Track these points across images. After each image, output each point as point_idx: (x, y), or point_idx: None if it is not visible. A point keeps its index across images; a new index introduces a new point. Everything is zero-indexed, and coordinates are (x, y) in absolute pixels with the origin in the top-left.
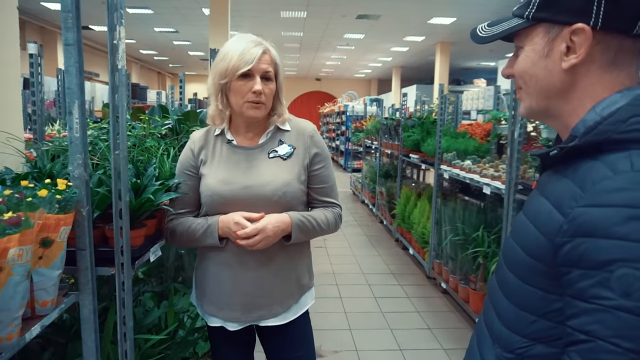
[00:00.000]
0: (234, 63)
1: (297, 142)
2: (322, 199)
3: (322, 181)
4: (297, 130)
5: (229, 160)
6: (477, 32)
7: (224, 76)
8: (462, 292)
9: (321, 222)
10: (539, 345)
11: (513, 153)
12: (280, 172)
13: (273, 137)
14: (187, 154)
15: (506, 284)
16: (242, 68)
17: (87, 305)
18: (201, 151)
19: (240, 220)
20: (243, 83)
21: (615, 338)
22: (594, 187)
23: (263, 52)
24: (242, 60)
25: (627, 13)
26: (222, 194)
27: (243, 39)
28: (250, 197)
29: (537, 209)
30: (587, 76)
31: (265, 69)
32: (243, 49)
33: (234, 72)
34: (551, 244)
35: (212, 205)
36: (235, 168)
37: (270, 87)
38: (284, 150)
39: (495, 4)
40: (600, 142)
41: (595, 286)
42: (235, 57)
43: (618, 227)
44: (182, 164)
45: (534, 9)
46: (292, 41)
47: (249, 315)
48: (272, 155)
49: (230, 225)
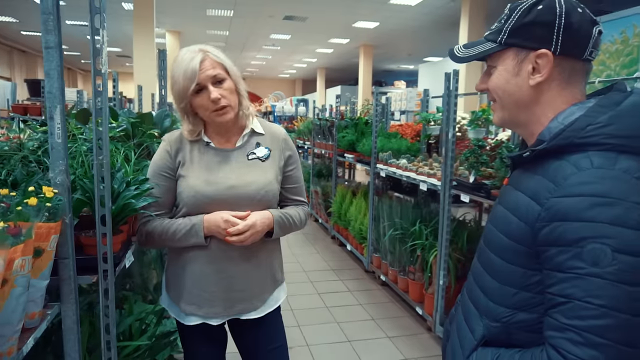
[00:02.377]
0: (182, 84)
1: (273, 145)
2: (294, 198)
3: (294, 181)
4: (270, 134)
5: (210, 161)
6: (455, 53)
7: (182, 99)
8: (401, 283)
9: (296, 219)
10: (520, 313)
11: (447, 152)
12: (261, 173)
13: (249, 139)
14: (164, 155)
15: (491, 266)
16: (190, 86)
17: (70, 316)
18: (178, 153)
19: (231, 219)
20: (200, 97)
21: (588, 297)
22: (564, 181)
23: (201, 60)
24: (187, 78)
25: (577, 42)
26: (207, 194)
27: (184, 54)
28: (234, 197)
29: (516, 201)
30: (548, 91)
31: (211, 74)
32: (184, 66)
33: (186, 92)
34: (531, 229)
35: (195, 205)
36: (217, 169)
37: (225, 88)
38: (262, 153)
39: (414, 12)
40: (565, 146)
41: (571, 259)
42: (180, 77)
43: (586, 212)
44: (158, 166)
45: (506, 36)
46: (217, 40)
47: (231, 310)
48: (252, 157)
49: (220, 224)
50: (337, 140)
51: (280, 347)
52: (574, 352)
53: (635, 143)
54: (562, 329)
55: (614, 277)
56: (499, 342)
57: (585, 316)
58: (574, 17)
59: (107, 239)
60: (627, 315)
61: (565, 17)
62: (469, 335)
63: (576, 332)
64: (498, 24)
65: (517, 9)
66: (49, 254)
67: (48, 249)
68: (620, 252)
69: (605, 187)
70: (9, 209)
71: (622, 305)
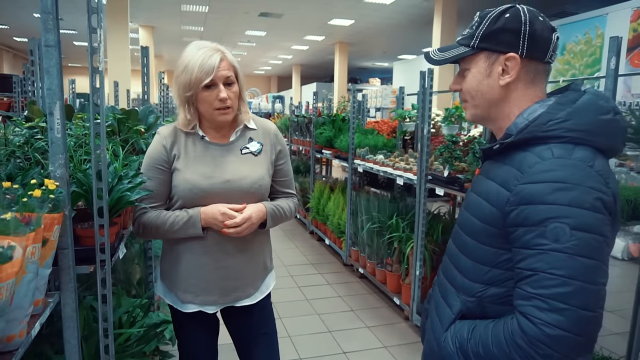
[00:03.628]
0: (195, 75)
1: (264, 140)
2: (284, 190)
3: (284, 175)
4: (262, 129)
5: (205, 155)
6: (431, 56)
7: (189, 89)
8: (379, 275)
9: (287, 211)
10: (492, 288)
11: (423, 148)
12: (254, 167)
13: (242, 134)
14: (159, 149)
15: (465, 247)
16: (205, 80)
17: (70, 304)
18: (173, 146)
19: (228, 212)
20: (208, 93)
21: (551, 269)
22: (529, 170)
23: (220, 59)
24: (203, 71)
25: (540, 47)
26: (203, 188)
27: (200, 48)
28: (229, 190)
29: (487, 188)
30: (516, 90)
31: (225, 75)
32: (202, 60)
33: (198, 84)
34: (501, 212)
35: (191, 198)
36: (212, 163)
37: (233, 91)
38: (255, 147)
39: (388, 10)
40: (529, 139)
41: (536, 237)
42: (195, 69)
43: (548, 196)
44: (153, 159)
45: (478, 41)
46: (191, 35)
47: (226, 298)
48: (245, 151)
49: (217, 216)
50: (315, 136)
51: (270, 332)
52: (540, 317)
53: (589, 136)
54: (529, 298)
55: (572, 251)
56: (474, 315)
57: (549, 285)
58: (537, 24)
59: (105, 230)
60: (585, 284)
61: (529, 25)
62: (447, 310)
63: (541, 299)
64: (470, 30)
65: (486, 16)
66: (52, 244)
67: (52, 238)
68: (577, 230)
69: (564, 174)
70: (13, 201)
71: (580, 274)
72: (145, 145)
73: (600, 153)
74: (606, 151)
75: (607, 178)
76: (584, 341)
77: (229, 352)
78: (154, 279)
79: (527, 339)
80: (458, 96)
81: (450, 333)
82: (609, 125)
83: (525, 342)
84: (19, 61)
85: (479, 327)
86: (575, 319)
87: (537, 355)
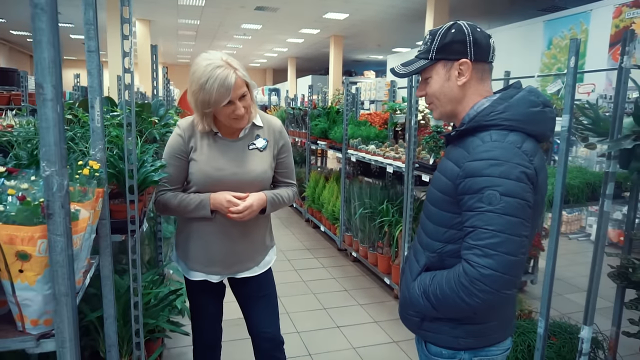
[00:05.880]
0: (214, 98)
1: (269, 136)
2: (284, 180)
3: (285, 167)
4: (268, 125)
5: (218, 150)
6: (397, 70)
7: (207, 107)
8: (371, 258)
9: (285, 198)
10: (449, 245)
11: (410, 138)
12: (259, 162)
13: (250, 131)
14: (178, 140)
15: (430, 214)
16: (224, 101)
17: (107, 266)
18: (190, 139)
19: (233, 199)
20: (226, 108)
21: (485, 225)
22: (473, 150)
23: (235, 78)
24: (221, 94)
25: (483, 51)
26: (214, 178)
27: (215, 66)
28: (237, 181)
29: (445, 166)
30: (470, 88)
31: (240, 93)
32: (219, 82)
33: (217, 104)
34: (453, 184)
35: (204, 185)
36: (224, 157)
37: (247, 101)
38: (261, 144)
39: (382, 4)
40: (476, 127)
41: (476, 202)
42: (214, 92)
43: (485, 170)
44: (173, 149)
45: (434, 53)
46: (187, 29)
47: (228, 270)
48: (252, 147)
49: (223, 203)
50: (310, 128)
51: (269, 294)
52: (477, 261)
53: (520, 124)
54: (470, 248)
55: (501, 211)
56: (435, 268)
57: (483, 237)
58: (477, 34)
59: (135, 205)
60: (510, 235)
61: (472, 35)
62: (415, 265)
63: (478, 248)
64: (425, 46)
65: (437, 33)
66: (97, 214)
67: (97, 209)
68: (505, 195)
69: (498, 153)
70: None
71: (506, 229)
72: (159, 134)
73: (531, 137)
74: (536, 136)
75: (531, 157)
76: (509, 278)
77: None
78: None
79: (468, 279)
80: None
81: (417, 282)
82: (538, 116)
83: (467, 281)
84: (15, 54)
85: (438, 275)
86: (503, 262)
87: (475, 290)
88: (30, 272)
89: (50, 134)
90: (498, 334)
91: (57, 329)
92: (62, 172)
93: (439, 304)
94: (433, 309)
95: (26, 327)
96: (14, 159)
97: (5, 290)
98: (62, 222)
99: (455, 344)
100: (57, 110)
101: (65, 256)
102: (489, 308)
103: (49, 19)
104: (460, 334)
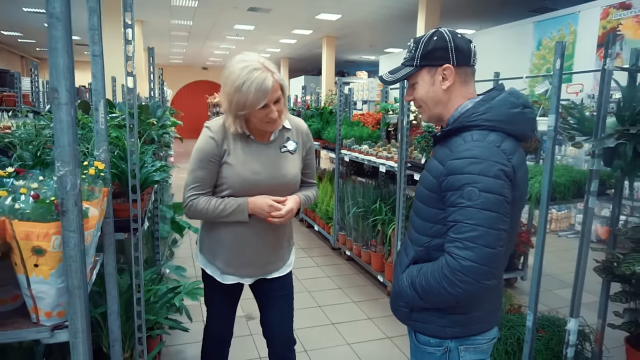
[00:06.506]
0: (251, 100)
1: (298, 138)
2: (308, 181)
3: (310, 167)
4: (296, 128)
5: (252, 153)
6: (384, 78)
7: (243, 109)
8: (364, 256)
9: (312, 199)
10: (435, 239)
11: (403, 138)
12: (292, 165)
13: (280, 134)
14: (211, 143)
15: (418, 210)
16: (260, 104)
17: (111, 263)
18: (223, 142)
19: (274, 204)
20: (260, 111)
21: (466, 220)
22: (456, 149)
23: (272, 82)
24: (258, 97)
25: (465, 55)
26: (252, 182)
27: (252, 69)
28: (272, 185)
29: (431, 165)
30: (454, 91)
31: (275, 97)
32: (257, 84)
33: (253, 107)
34: (438, 182)
35: (240, 189)
36: (258, 160)
37: (281, 104)
38: (292, 146)
39: (374, 5)
40: (459, 127)
41: (457, 198)
42: (251, 94)
43: (465, 168)
44: (206, 152)
45: (419, 60)
46: (180, 29)
47: (261, 270)
48: (284, 150)
49: (264, 207)
50: None
51: (287, 293)
52: (458, 253)
53: (500, 125)
54: (452, 241)
55: (480, 207)
56: (423, 260)
57: (464, 231)
58: (458, 40)
59: (138, 204)
60: (488, 229)
61: (453, 41)
62: (405, 258)
63: (459, 241)
64: (410, 53)
65: (420, 41)
66: (103, 212)
67: (102, 207)
68: (484, 191)
69: (477, 152)
70: None
71: (485, 223)
72: (157, 135)
73: (511, 137)
74: (516, 135)
75: (510, 155)
76: (488, 270)
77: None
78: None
79: (450, 270)
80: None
81: (405, 274)
82: (518, 116)
83: (449, 272)
84: (5, 55)
85: (424, 268)
86: (482, 254)
87: (457, 280)
88: (45, 267)
89: (64, 136)
90: (483, 323)
91: (71, 320)
92: (76, 172)
93: (425, 294)
94: (420, 299)
95: (40, 319)
96: (18, 160)
97: (20, 284)
98: (75, 219)
99: (442, 333)
100: (70, 114)
101: (78, 251)
102: (470, 297)
103: (64, 27)
104: (447, 323)
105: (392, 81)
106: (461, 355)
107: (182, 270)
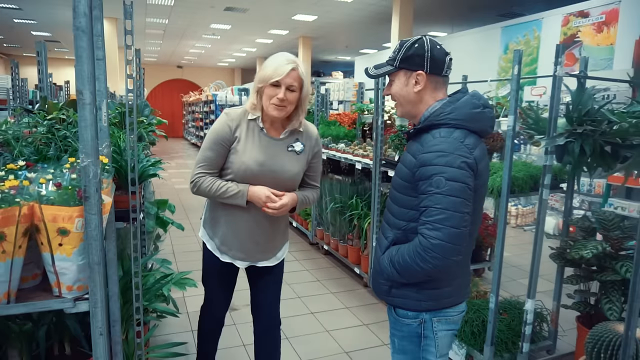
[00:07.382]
0: (268, 74)
1: (306, 142)
2: (311, 183)
3: (315, 170)
4: (306, 132)
5: (261, 145)
6: (369, 72)
7: (261, 82)
8: (341, 250)
9: (311, 200)
10: (411, 223)
11: (378, 137)
12: (295, 164)
13: (291, 134)
14: (225, 128)
15: (395, 198)
16: (273, 78)
17: (112, 249)
18: (237, 129)
19: (271, 196)
20: (272, 90)
21: (434, 205)
22: (426, 144)
23: (292, 69)
24: (275, 72)
25: (438, 65)
26: (254, 171)
27: (281, 56)
28: (273, 178)
29: (405, 158)
30: (425, 95)
31: (290, 82)
32: (278, 64)
33: (267, 80)
34: (411, 172)
35: (242, 176)
36: (265, 153)
37: (292, 96)
38: (299, 148)
39: (350, 7)
40: (429, 125)
41: (427, 186)
42: (270, 69)
43: (434, 160)
44: (219, 135)
45: (398, 62)
46: (155, 28)
47: (252, 258)
48: (290, 149)
49: (262, 197)
50: None
51: (277, 280)
52: (428, 234)
53: (464, 123)
54: (423, 223)
55: (446, 193)
56: (400, 242)
57: (433, 214)
58: (435, 51)
59: (137, 195)
60: (453, 212)
61: (430, 51)
62: (384, 240)
63: (429, 223)
64: (394, 54)
65: (403, 45)
66: (109, 203)
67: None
68: (449, 180)
69: (444, 146)
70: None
71: (450, 207)
72: (145, 133)
73: (473, 133)
74: (477, 132)
75: (472, 149)
76: (454, 247)
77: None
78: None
79: (422, 248)
80: None
81: (386, 254)
82: (479, 115)
83: (421, 250)
84: None
85: (402, 248)
86: (449, 234)
87: (428, 257)
88: (68, 246)
89: (88, 131)
90: (454, 297)
91: (91, 292)
92: (96, 162)
93: (402, 270)
94: (398, 274)
95: (62, 292)
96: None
97: (45, 261)
98: (96, 204)
99: (418, 306)
100: (93, 112)
101: (99, 232)
102: (440, 272)
103: (88, 39)
104: (422, 297)
105: (374, 75)
106: (434, 326)
107: (168, 263)
